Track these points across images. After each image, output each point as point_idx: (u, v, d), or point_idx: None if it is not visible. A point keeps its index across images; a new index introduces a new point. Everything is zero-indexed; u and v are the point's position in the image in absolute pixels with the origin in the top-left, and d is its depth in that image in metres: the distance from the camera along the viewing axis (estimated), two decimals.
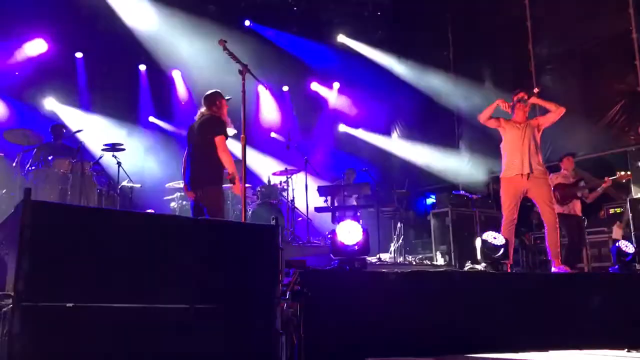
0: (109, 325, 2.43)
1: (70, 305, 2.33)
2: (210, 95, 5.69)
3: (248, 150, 5.15)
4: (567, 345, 4.46)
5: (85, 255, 2.43)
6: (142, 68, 11.52)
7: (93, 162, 7.74)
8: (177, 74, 11.76)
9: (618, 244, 5.81)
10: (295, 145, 8.95)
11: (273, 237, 3.00)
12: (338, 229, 4.29)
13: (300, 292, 3.71)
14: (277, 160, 11.06)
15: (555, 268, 5.83)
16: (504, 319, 4.51)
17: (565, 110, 6.11)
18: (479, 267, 5.32)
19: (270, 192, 8.91)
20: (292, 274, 3.85)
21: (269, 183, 9.25)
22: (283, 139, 10.54)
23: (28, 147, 7.58)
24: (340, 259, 4.29)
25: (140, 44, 10.77)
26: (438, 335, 4.23)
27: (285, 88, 13.07)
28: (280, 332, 3.04)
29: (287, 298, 3.42)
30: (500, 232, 5.72)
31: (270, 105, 12.92)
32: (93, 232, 2.49)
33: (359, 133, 13.20)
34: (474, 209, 8.87)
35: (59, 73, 10.38)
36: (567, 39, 9.86)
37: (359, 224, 4.29)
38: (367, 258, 4.51)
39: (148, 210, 7.94)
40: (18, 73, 9.92)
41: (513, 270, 5.88)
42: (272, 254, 2.97)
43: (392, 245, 8.84)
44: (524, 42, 10.41)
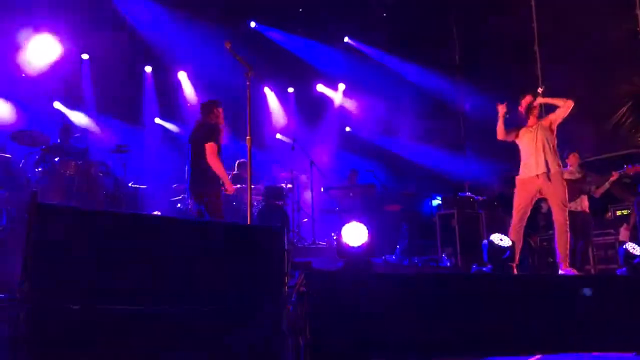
0: (115, 327, 2.42)
1: (77, 307, 2.33)
2: (207, 104, 5.98)
3: (253, 152, 5.17)
4: (576, 348, 4.43)
5: (91, 257, 2.43)
6: (147, 69, 11.54)
7: (99, 163, 7.75)
8: (183, 76, 11.78)
9: (625, 246, 5.77)
10: (301, 147, 8.94)
11: (278, 238, 3.00)
12: (343, 230, 4.28)
13: (306, 293, 3.70)
14: (282, 162, 11.06)
15: (563, 270, 5.79)
16: (510, 321, 4.48)
17: (571, 112, 6.09)
18: (485, 268, 5.30)
19: (276, 193, 8.91)
20: (297, 276, 3.84)
21: (275, 184, 9.24)
22: (288, 140, 10.54)
23: (34, 148, 7.60)
24: (346, 261, 4.28)
25: (146, 46, 10.79)
26: (445, 337, 4.21)
27: (291, 89, 13.06)
28: (286, 334, 3.03)
29: (293, 300, 3.41)
30: (508, 233, 5.70)
31: (276, 107, 12.92)
32: (99, 234, 2.49)
33: (365, 134, 13.18)
34: (480, 211, 8.84)
35: (66, 74, 10.41)
36: (573, 41, 9.82)
37: (364, 225, 4.27)
38: (372, 260, 4.50)
39: (154, 212, 7.96)
40: (25, 75, 9.95)
41: (519, 273, 5.83)
42: (277, 256, 2.97)
43: (397, 247, 8.81)
44: (530, 43, 10.38)
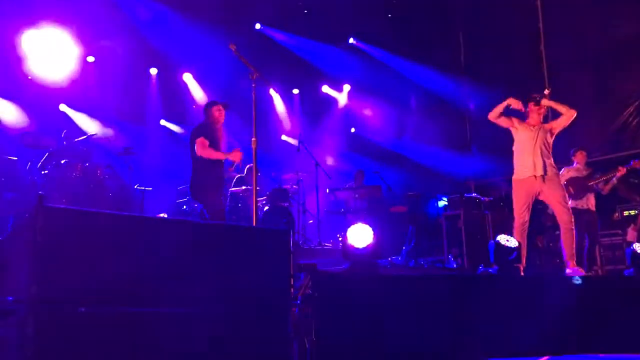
0: (121, 329, 2.43)
1: (83, 309, 2.34)
2: (204, 105, 6.22)
3: (259, 153, 5.18)
4: (583, 350, 4.41)
5: (97, 260, 2.44)
6: (153, 72, 11.57)
7: (105, 166, 7.78)
8: (188, 77, 11.80)
9: (633, 247, 5.75)
10: (306, 148, 8.94)
11: (284, 240, 2.99)
12: (349, 232, 4.28)
13: (312, 295, 3.70)
14: (287, 163, 11.06)
15: (570, 270, 5.77)
16: (517, 322, 4.46)
17: (578, 112, 6.06)
18: (492, 270, 5.28)
19: (281, 195, 8.91)
20: (303, 277, 3.84)
21: (280, 186, 9.25)
22: (294, 142, 10.54)
23: (40, 151, 7.63)
24: (351, 262, 4.27)
25: (151, 48, 10.82)
26: (452, 339, 4.19)
27: (296, 91, 13.07)
28: (292, 335, 3.03)
29: (298, 301, 3.41)
30: (513, 234, 5.69)
31: (281, 109, 12.93)
32: (105, 236, 2.49)
33: (370, 135, 13.17)
34: (486, 212, 8.80)
35: (71, 77, 10.44)
36: (580, 40, 9.78)
37: (370, 227, 4.27)
38: (378, 261, 4.50)
39: (161, 214, 7.97)
40: (30, 78, 9.99)
41: (525, 274, 5.82)
42: (283, 257, 2.96)
43: (403, 248, 8.80)
44: (536, 43, 10.35)
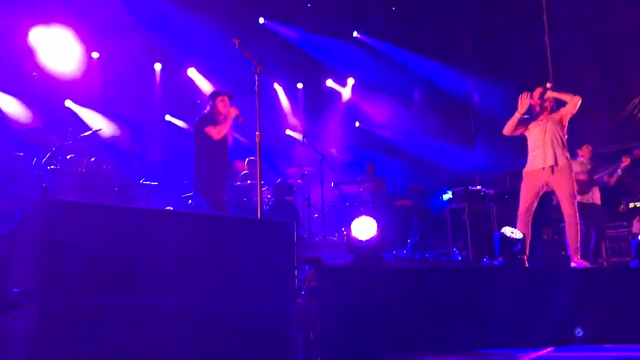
0: (125, 322, 2.44)
1: (88, 302, 2.35)
2: (208, 96, 6.22)
3: (263, 148, 5.20)
4: (588, 341, 4.42)
5: (101, 252, 2.45)
6: (157, 67, 11.59)
7: (110, 161, 7.81)
8: (193, 72, 11.81)
9: (638, 238, 5.73)
10: (310, 142, 8.94)
11: (288, 232, 3.00)
12: (353, 225, 4.29)
13: (316, 288, 3.71)
14: (292, 158, 11.06)
15: (575, 263, 5.77)
16: (522, 314, 4.47)
17: (584, 103, 6.05)
18: (496, 262, 5.28)
19: (286, 189, 8.91)
20: (307, 270, 3.85)
21: (285, 180, 9.25)
22: (298, 136, 10.54)
23: (46, 147, 7.66)
24: (355, 255, 4.29)
25: (155, 43, 10.83)
26: (457, 331, 4.20)
27: (300, 85, 13.06)
28: (296, 327, 3.05)
29: (302, 293, 3.43)
30: (516, 225, 5.69)
31: (285, 103, 12.93)
32: (110, 229, 2.50)
33: (374, 129, 13.16)
34: (491, 205, 8.79)
35: (77, 73, 10.48)
36: (585, 31, 9.73)
37: (374, 220, 4.27)
38: (383, 255, 4.50)
39: (166, 208, 7.99)
40: (36, 74, 10.02)
41: (530, 265, 5.81)
42: (287, 249, 2.97)
43: (408, 242, 8.80)
44: (540, 34, 10.29)
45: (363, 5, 12.49)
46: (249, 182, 8.40)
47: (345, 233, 4.37)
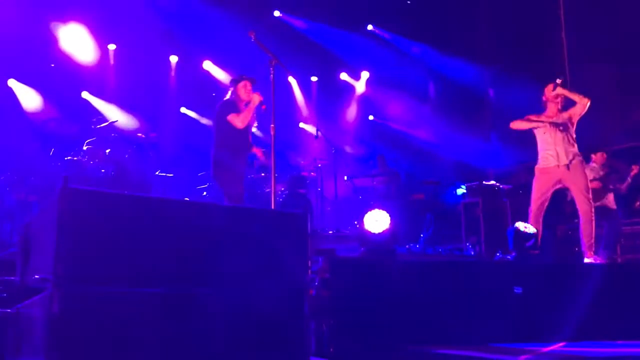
0: (144, 311, 2.48)
1: (108, 290, 2.40)
2: (230, 81, 5.93)
3: (277, 140, 5.22)
4: (600, 337, 4.41)
5: (121, 242, 2.49)
6: (172, 59, 11.66)
7: (126, 152, 7.90)
8: (209, 65, 11.87)
9: None
10: (324, 136, 8.97)
11: (301, 223, 3.03)
12: (365, 218, 4.32)
13: (329, 280, 3.75)
14: (306, 151, 11.09)
15: (588, 259, 5.76)
16: (534, 308, 4.48)
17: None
18: (509, 256, 5.29)
19: (299, 182, 8.95)
20: (321, 262, 3.89)
21: (298, 173, 9.29)
22: (312, 129, 10.56)
23: (64, 137, 7.77)
24: (367, 248, 4.32)
25: (171, 35, 10.89)
26: (468, 325, 4.22)
27: (314, 78, 13.07)
28: (309, 317, 3.08)
29: (315, 284, 3.47)
30: (529, 220, 5.69)
31: (299, 96, 12.94)
32: (129, 218, 2.54)
33: (388, 122, 13.13)
34: (505, 200, 8.75)
35: (93, 64, 10.58)
36: (602, 28, 9.63)
37: (386, 213, 4.30)
38: (396, 248, 4.53)
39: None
40: (53, 65, 10.13)
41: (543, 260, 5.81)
42: (300, 241, 3.00)
43: (421, 236, 8.80)
44: (557, 30, 10.21)
45: None
46: (263, 174, 8.45)
47: (358, 226, 4.40)
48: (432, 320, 4.14)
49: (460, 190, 9.97)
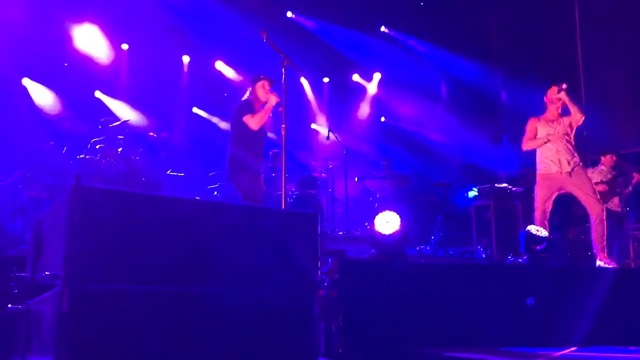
0: (155, 309, 2.48)
1: (118, 288, 2.41)
2: (249, 80, 5.91)
3: (288, 141, 5.21)
4: (612, 342, 4.37)
5: (131, 240, 2.50)
6: (185, 59, 11.71)
7: (138, 151, 7.93)
8: (221, 65, 11.90)
9: None
10: (336, 137, 8.96)
11: (312, 224, 3.02)
12: (376, 220, 4.31)
13: (339, 280, 3.75)
14: (317, 151, 11.08)
15: (600, 262, 5.71)
16: (546, 312, 4.44)
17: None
18: (521, 260, 5.26)
19: (310, 182, 8.95)
20: (331, 263, 3.89)
21: (309, 174, 9.29)
22: (323, 130, 10.55)
23: (77, 136, 7.82)
24: (378, 249, 4.31)
25: (184, 36, 10.94)
26: (478, 328, 4.20)
27: (326, 79, 13.06)
28: (318, 318, 3.08)
29: (325, 284, 3.46)
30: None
31: (311, 97, 12.95)
32: (140, 216, 2.55)
33: (400, 124, 13.10)
34: (517, 203, 8.69)
35: (106, 64, 10.65)
36: (617, 31, 9.55)
37: (397, 215, 4.29)
38: (406, 250, 4.52)
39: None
40: (67, 64, 10.21)
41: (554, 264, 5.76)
42: (310, 241, 3.00)
43: (432, 238, 8.76)
44: (572, 33, 10.13)
45: (391, 0, 12.42)
46: (273, 174, 8.46)
47: (369, 227, 4.39)
48: (442, 323, 4.12)
49: (472, 193, 9.93)
